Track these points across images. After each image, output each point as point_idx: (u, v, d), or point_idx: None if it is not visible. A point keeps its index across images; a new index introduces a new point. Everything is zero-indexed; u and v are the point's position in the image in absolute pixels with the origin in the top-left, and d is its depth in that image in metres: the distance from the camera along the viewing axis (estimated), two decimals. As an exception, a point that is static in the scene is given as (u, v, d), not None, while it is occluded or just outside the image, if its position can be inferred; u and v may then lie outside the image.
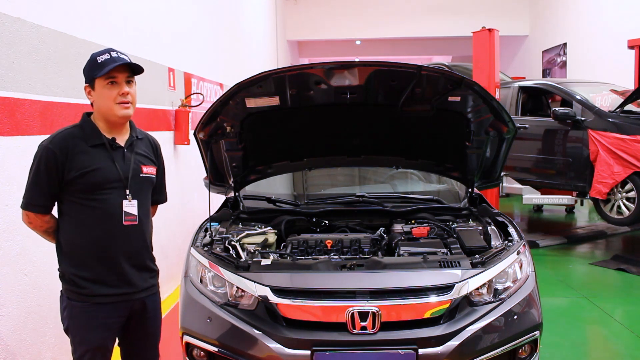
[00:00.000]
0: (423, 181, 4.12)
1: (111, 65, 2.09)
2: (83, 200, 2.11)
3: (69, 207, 2.14)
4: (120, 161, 2.17)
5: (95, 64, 2.11)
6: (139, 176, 2.23)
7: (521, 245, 2.75)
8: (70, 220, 2.15)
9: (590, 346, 4.01)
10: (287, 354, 2.31)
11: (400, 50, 16.59)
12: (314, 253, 2.86)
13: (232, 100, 2.89)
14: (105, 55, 2.12)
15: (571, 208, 8.45)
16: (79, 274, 2.14)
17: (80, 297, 2.14)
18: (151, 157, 2.33)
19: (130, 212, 2.17)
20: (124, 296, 2.19)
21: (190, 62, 5.39)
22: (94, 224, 2.13)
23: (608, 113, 5.82)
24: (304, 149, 3.45)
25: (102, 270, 2.15)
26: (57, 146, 2.08)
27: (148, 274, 2.30)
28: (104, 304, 2.15)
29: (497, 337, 2.44)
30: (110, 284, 2.16)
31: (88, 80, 2.14)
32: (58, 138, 2.12)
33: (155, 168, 2.34)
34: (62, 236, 2.17)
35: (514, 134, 3.03)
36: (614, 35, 9.01)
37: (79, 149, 2.10)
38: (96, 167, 2.11)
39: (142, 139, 2.31)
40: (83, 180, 2.09)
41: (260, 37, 9.95)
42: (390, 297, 2.39)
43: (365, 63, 2.80)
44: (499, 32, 6.81)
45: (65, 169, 2.08)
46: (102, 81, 2.11)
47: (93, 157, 2.12)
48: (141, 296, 2.25)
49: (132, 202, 2.18)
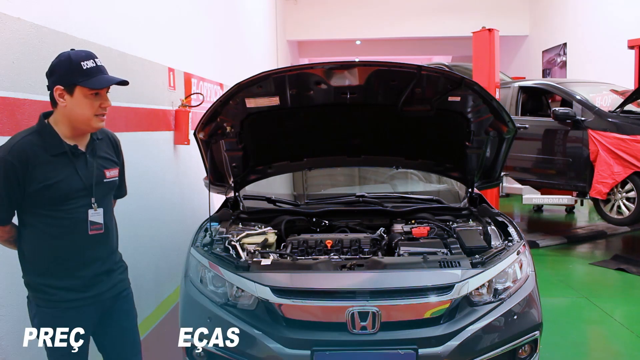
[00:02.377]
0: (423, 181, 4.12)
1: (104, 83, 2.01)
2: (47, 212, 2.02)
3: (31, 217, 2.05)
4: (83, 169, 2.08)
5: (79, 68, 1.99)
6: (103, 182, 2.15)
7: (521, 245, 2.75)
8: (33, 230, 2.05)
9: (590, 346, 4.01)
10: (287, 354, 2.32)
11: (400, 50, 16.58)
12: (314, 253, 2.86)
13: (232, 100, 2.90)
14: (90, 62, 2.01)
15: (571, 208, 8.45)
16: (45, 282, 2.08)
17: (49, 303, 2.08)
18: (112, 157, 2.24)
19: (96, 221, 2.10)
20: (93, 298, 2.14)
21: (190, 62, 5.38)
22: (58, 234, 2.05)
23: (608, 113, 5.82)
24: (304, 149, 3.45)
25: (69, 278, 2.09)
26: (15, 158, 1.94)
27: (116, 273, 2.25)
28: (73, 308, 2.10)
29: (497, 337, 2.44)
30: (78, 289, 2.11)
31: (65, 84, 1.99)
32: (16, 148, 1.96)
33: (118, 169, 2.26)
34: (25, 245, 2.09)
35: (514, 134, 3.03)
36: (614, 35, 9.00)
37: (39, 159, 1.97)
38: (59, 179, 2.00)
39: (102, 139, 2.21)
40: (46, 193, 1.99)
41: (260, 37, 9.95)
42: (390, 297, 2.39)
43: (365, 63, 2.80)
44: (499, 32, 6.81)
45: (26, 181, 1.96)
46: (86, 91, 2.00)
47: (55, 168, 2.00)
48: (111, 294, 2.22)
49: (98, 211, 2.10)
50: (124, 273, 2.32)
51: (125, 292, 2.30)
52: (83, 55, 2.04)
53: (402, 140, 3.38)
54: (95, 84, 2.00)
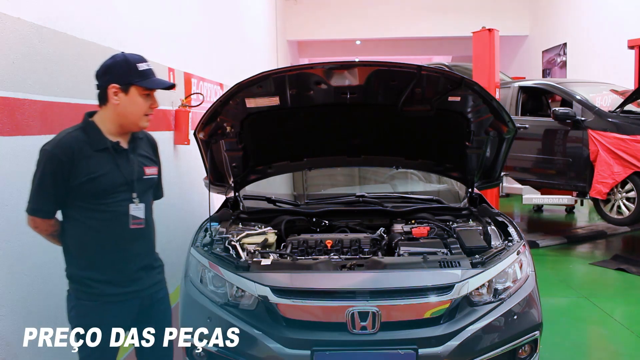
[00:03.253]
0: (423, 181, 4.12)
1: (159, 84, 2.15)
2: (90, 205, 2.11)
3: (75, 211, 2.13)
4: (125, 165, 2.17)
5: (135, 69, 2.10)
6: (143, 178, 2.23)
7: (521, 245, 2.75)
8: (77, 223, 2.14)
9: (590, 346, 4.01)
10: (287, 354, 2.32)
11: (400, 50, 16.58)
12: (314, 253, 2.86)
13: (232, 100, 2.90)
14: (144, 65, 2.14)
15: (571, 208, 8.45)
16: (87, 275, 2.15)
17: (90, 296, 2.15)
18: (152, 156, 2.34)
19: (137, 216, 2.19)
20: (132, 294, 2.22)
21: (190, 62, 5.38)
22: (101, 227, 2.13)
23: (608, 113, 5.82)
24: (304, 149, 3.45)
25: (111, 272, 2.17)
26: (62, 151, 2.05)
27: (155, 271, 2.33)
28: (113, 303, 2.17)
29: (497, 337, 2.44)
30: (119, 284, 2.18)
31: (121, 83, 2.09)
32: (63, 142, 2.07)
33: (156, 168, 2.35)
34: (69, 239, 2.17)
35: (514, 134, 3.03)
36: (614, 35, 9.00)
37: (84, 154, 2.08)
38: (102, 173, 2.10)
39: (142, 138, 2.31)
40: (89, 187, 2.08)
41: (260, 37, 9.95)
42: (390, 297, 2.39)
43: (365, 63, 2.80)
44: (499, 32, 6.81)
45: (71, 174, 2.06)
46: (140, 90, 2.12)
47: (98, 163, 2.10)
48: (149, 292, 2.28)
49: (139, 206, 2.19)
50: (162, 273, 2.40)
51: (163, 292, 2.38)
52: (138, 58, 2.17)
53: (402, 140, 3.38)
54: (151, 85, 2.13)
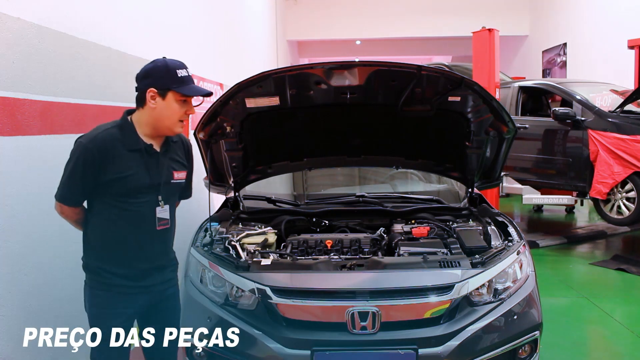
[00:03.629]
0: (423, 181, 4.12)
1: (197, 92, 2.18)
2: (116, 202, 2.15)
3: (100, 205, 2.18)
4: (154, 168, 2.20)
5: (174, 75, 2.14)
6: (170, 182, 2.27)
7: (521, 245, 2.75)
8: (100, 217, 2.19)
9: (590, 346, 4.01)
10: (287, 354, 2.32)
11: (400, 50, 16.57)
12: (314, 253, 2.86)
13: (232, 100, 2.89)
14: (184, 72, 2.17)
15: (571, 208, 8.45)
16: (103, 267, 2.19)
17: (103, 285, 2.20)
18: (183, 161, 2.37)
19: (163, 217, 2.23)
20: (145, 288, 2.25)
21: (190, 62, 5.37)
22: (124, 225, 2.17)
23: (608, 113, 5.81)
24: (303, 149, 3.45)
25: (126, 267, 2.20)
26: (96, 147, 2.09)
27: (168, 269, 2.36)
28: (124, 294, 2.21)
29: (497, 337, 2.44)
30: (132, 278, 2.22)
31: (160, 87, 2.13)
32: (99, 138, 2.11)
33: (185, 172, 2.38)
34: (91, 230, 2.22)
35: (514, 134, 3.03)
36: (614, 35, 9.00)
37: (117, 152, 2.12)
38: (130, 174, 2.13)
39: (176, 142, 2.35)
40: (116, 185, 2.12)
41: (260, 37, 9.94)
42: (390, 297, 2.39)
43: (365, 63, 2.80)
44: (499, 32, 6.81)
45: (101, 170, 2.10)
46: (178, 96, 2.15)
47: (128, 163, 2.14)
48: (161, 288, 2.31)
49: (165, 208, 2.24)
50: (174, 271, 2.42)
51: (173, 289, 2.40)
52: (178, 64, 2.20)
53: (402, 140, 3.38)
54: (189, 91, 2.17)
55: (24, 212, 2.65)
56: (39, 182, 2.69)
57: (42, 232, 2.76)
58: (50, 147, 2.82)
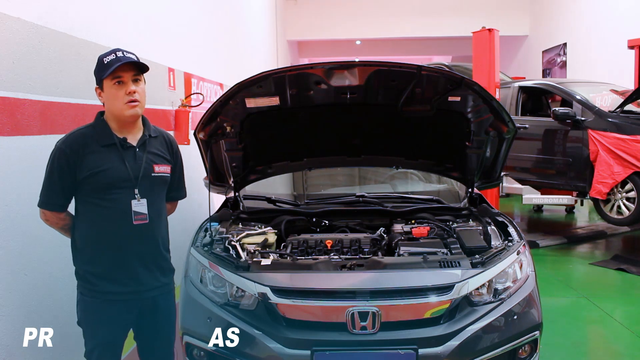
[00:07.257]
0: (423, 181, 4.12)
1: (115, 65, 2.11)
2: (95, 200, 2.16)
3: (82, 205, 2.21)
4: (131, 161, 2.20)
5: (102, 65, 2.15)
6: (150, 175, 2.25)
7: (521, 245, 2.74)
8: (83, 218, 2.21)
9: (590, 346, 4.01)
10: (287, 354, 2.31)
11: (400, 50, 16.58)
12: (314, 253, 2.86)
13: (232, 100, 2.89)
14: (111, 56, 2.15)
15: (571, 208, 8.45)
16: (90, 271, 2.19)
17: (92, 293, 2.19)
18: (165, 155, 2.35)
19: (139, 212, 2.20)
20: (133, 294, 2.23)
21: (190, 62, 5.38)
22: (105, 222, 2.17)
23: (608, 113, 5.81)
24: (304, 149, 3.45)
25: (113, 267, 2.19)
26: (68, 146, 2.13)
27: (159, 273, 2.32)
28: (114, 301, 2.20)
29: (497, 337, 2.44)
30: (120, 281, 2.20)
31: (97, 82, 2.18)
32: (71, 138, 2.17)
33: (170, 166, 2.35)
34: (77, 233, 2.24)
35: (514, 134, 3.03)
36: (614, 35, 9.00)
37: (90, 149, 2.14)
38: (106, 168, 2.14)
39: (156, 137, 2.33)
40: (94, 180, 2.13)
41: (260, 37, 9.94)
42: (390, 297, 2.39)
43: (365, 63, 2.80)
44: (499, 32, 6.81)
45: (77, 168, 2.13)
46: (109, 81, 2.14)
47: (103, 157, 2.15)
48: (152, 294, 2.29)
49: (141, 202, 2.21)
50: (168, 276, 2.39)
51: (168, 299, 2.38)
52: (107, 52, 2.18)
53: (402, 140, 3.38)
54: (109, 70, 2.11)
55: (24, 212, 2.65)
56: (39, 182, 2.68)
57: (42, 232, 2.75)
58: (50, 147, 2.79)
